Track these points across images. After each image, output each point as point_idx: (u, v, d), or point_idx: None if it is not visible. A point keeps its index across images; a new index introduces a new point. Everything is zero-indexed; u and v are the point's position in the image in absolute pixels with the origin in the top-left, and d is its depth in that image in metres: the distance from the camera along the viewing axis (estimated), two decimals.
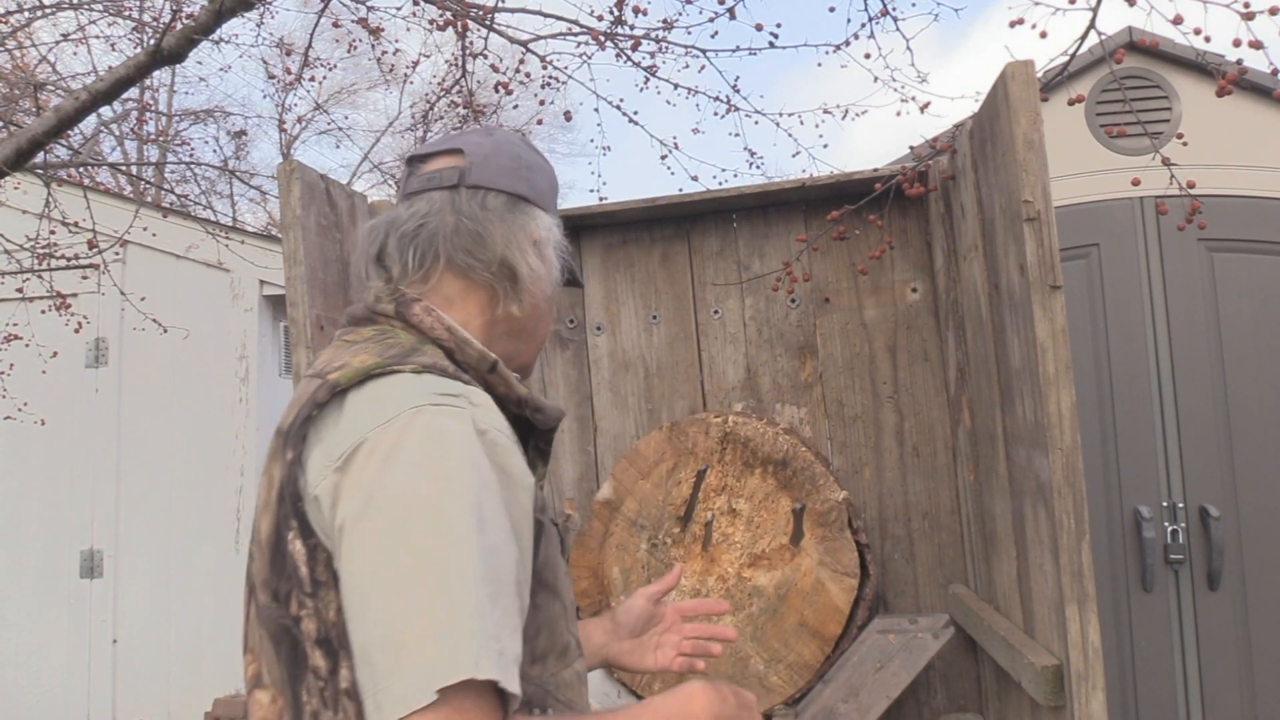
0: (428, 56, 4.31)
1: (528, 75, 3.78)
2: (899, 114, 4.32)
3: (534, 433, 0.98)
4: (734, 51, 3.38)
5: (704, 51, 3.47)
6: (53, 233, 3.73)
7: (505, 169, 0.99)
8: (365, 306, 0.95)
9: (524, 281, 0.96)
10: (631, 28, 3.42)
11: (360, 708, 0.73)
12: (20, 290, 3.90)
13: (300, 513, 0.79)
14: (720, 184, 3.62)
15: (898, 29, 3.00)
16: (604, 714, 0.85)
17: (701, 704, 0.85)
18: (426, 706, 0.68)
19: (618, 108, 3.76)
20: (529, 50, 3.51)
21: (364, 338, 0.91)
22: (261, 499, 0.84)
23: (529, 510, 0.83)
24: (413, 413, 0.77)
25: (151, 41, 2.50)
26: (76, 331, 4.02)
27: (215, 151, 11.68)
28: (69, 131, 2.87)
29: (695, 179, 3.96)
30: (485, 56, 3.53)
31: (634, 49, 3.45)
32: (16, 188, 4.03)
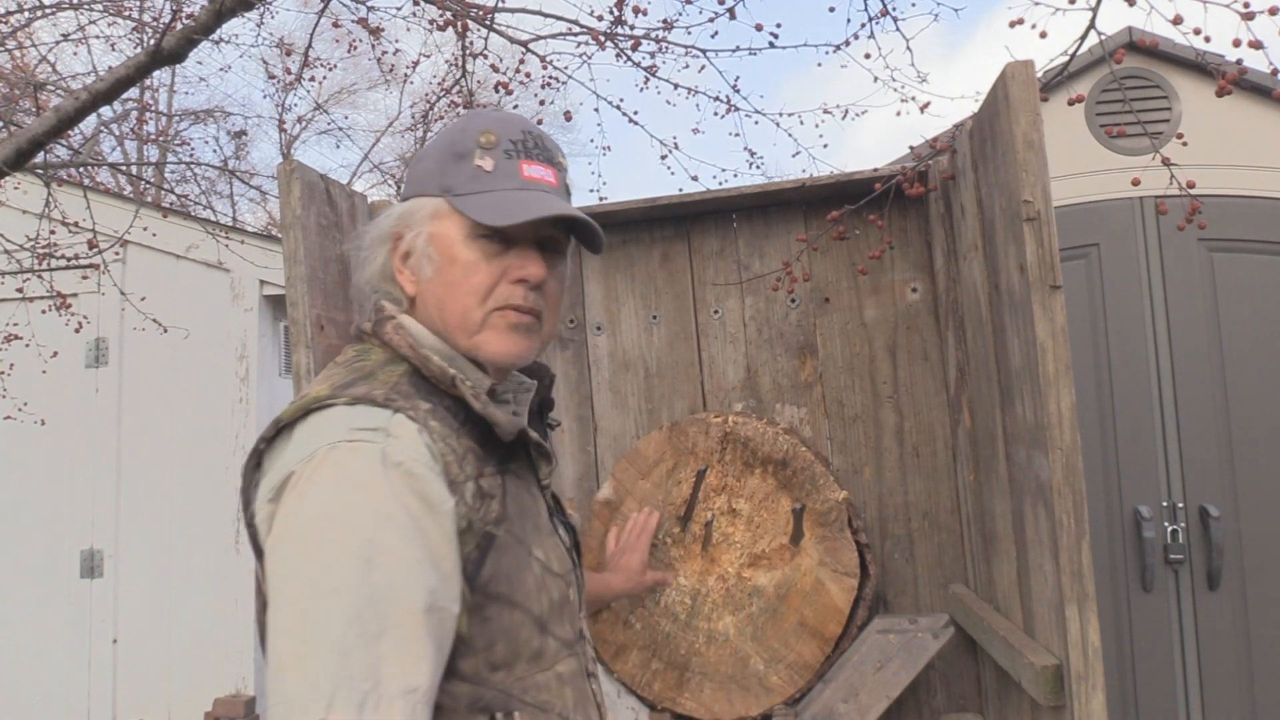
0: (428, 56, 4.31)
1: (528, 75, 3.78)
2: (899, 114, 4.33)
3: (532, 432, 0.99)
4: (734, 51, 3.38)
5: (704, 51, 3.47)
6: (53, 233, 3.73)
7: (409, 179, 1.05)
8: (356, 325, 1.02)
9: (374, 276, 1.03)
10: (631, 28, 3.42)
11: None
12: (20, 290, 3.90)
13: (254, 538, 0.86)
14: (720, 184, 3.62)
15: (898, 29, 3.00)
16: None
17: None
18: None
19: (618, 108, 3.76)
20: (529, 50, 3.51)
21: (346, 359, 0.98)
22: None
23: (451, 534, 0.84)
24: (328, 449, 0.82)
25: (151, 41, 2.50)
26: (77, 331, 4.02)
27: (215, 151, 11.69)
28: (69, 131, 2.87)
29: (695, 179, 3.96)
30: (485, 56, 3.53)
31: (634, 49, 3.45)
32: (16, 188, 4.03)
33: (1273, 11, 1.49)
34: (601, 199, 4.13)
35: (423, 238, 0.98)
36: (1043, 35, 1.70)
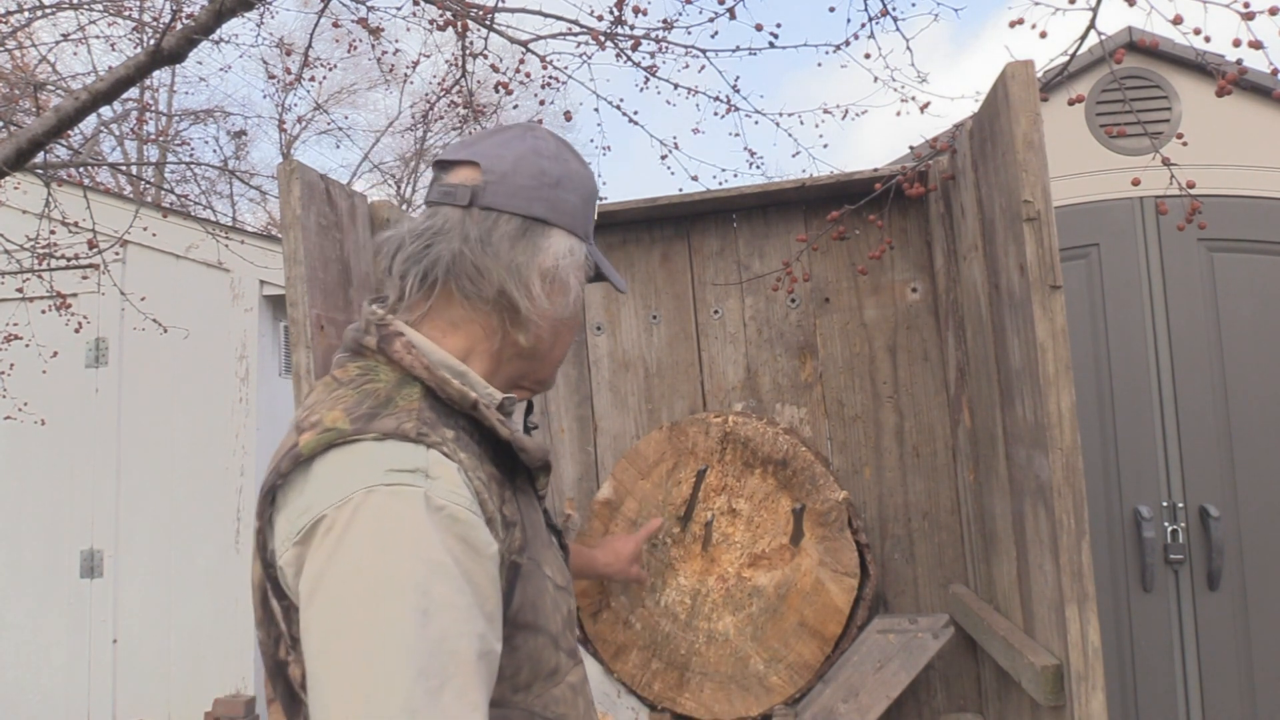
0: (428, 56, 4.32)
1: (528, 75, 3.79)
2: (899, 114, 4.33)
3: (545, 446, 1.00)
4: (734, 51, 3.39)
5: (704, 51, 3.47)
6: (53, 233, 3.73)
7: (522, 189, 0.95)
8: (354, 337, 0.94)
9: (526, 314, 0.94)
10: (631, 28, 3.43)
11: None
12: (20, 290, 3.90)
13: (273, 577, 0.82)
14: (720, 184, 3.62)
15: (898, 29, 3.00)
16: None
17: None
18: None
19: (618, 108, 3.76)
20: (529, 50, 3.51)
21: (349, 377, 0.91)
22: (254, 543, 0.87)
23: (496, 577, 0.83)
24: (365, 494, 0.78)
25: (151, 41, 2.50)
26: (76, 331, 4.02)
27: (215, 151, 11.70)
28: (69, 131, 2.87)
29: (695, 179, 3.96)
30: (485, 56, 3.53)
31: (634, 49, 3.45)
32: (16, 188, 4.03)
33: (1273, 11, 1.49)
34: (602, 199, 4.13)
35: (575, 275, 0.99)
36: (1043, 35, 1.70)
